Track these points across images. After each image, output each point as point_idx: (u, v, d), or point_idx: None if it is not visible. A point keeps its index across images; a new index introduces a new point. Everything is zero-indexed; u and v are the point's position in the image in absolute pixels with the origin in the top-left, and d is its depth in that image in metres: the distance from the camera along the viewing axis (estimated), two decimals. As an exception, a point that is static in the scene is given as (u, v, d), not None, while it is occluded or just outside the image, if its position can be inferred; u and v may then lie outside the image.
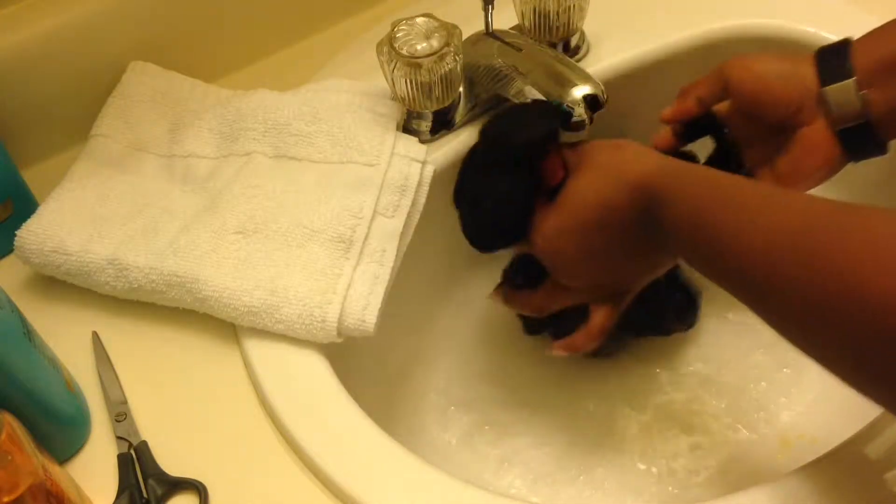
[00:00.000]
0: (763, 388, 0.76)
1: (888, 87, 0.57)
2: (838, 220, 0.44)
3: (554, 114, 0.63)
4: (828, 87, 0.59)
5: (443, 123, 0.72)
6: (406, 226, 0.67)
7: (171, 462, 0.58)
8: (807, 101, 0.59)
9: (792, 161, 0.61)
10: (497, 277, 0.72)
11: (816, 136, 0.60)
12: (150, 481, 0.57)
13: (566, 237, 0.60)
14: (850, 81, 0.58)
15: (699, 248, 0.52)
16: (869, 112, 0.58)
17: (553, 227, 0.60)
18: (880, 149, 0.60)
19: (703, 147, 0.67)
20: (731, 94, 0.62)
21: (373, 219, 0.65)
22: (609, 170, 0.58)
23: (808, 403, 0.74)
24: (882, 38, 0.59)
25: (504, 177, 0.62)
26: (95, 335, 0.65)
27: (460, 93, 0.72)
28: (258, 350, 0.62)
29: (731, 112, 0.64)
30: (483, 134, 0.64)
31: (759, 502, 0.53)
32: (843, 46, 0.59)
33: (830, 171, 0.61)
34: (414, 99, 0.69)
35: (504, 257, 0.71)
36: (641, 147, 0.58)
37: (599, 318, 0.64)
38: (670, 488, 0.72)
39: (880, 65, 0.57)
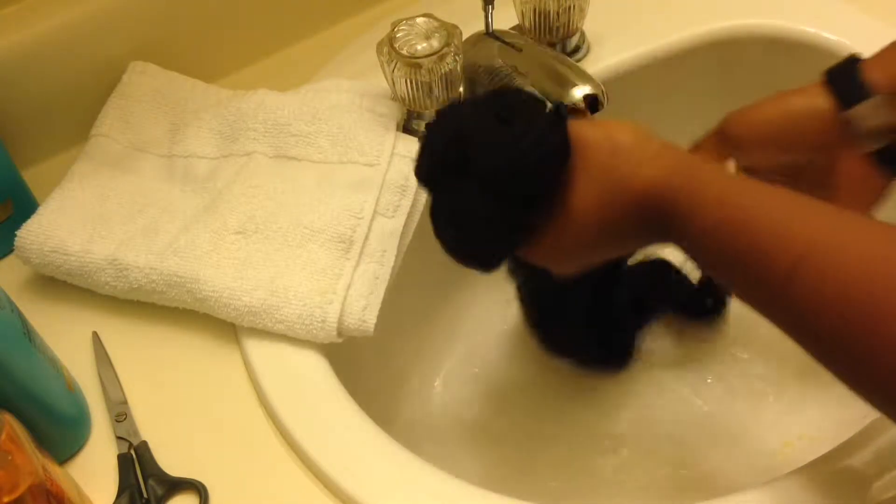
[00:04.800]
0: (763, 388, 0.75)
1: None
2: None
3: (559, 118, 0.51)
4: (852, 110, 0.53)
5: (443, 123, 0.72)
6: (406, 226, 0.67)
7: (171, 462, 0.58)
8: (827, 132, 0.54)
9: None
10: (492, 276, 0.71)
11: (854, 169, 0.54)
12: (150, 481, 0.57)
13: (562, 253, 0.54)
14: (877, 98, 0.53)
15: (731, 263, 0.46)
16: None
17: (549, 246, 0.53)
18: None
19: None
20: (740, 152, 0.57)
21: (373, 219, 0.65)
22: (609, 178, 0.49)
23: (808, 403, 0.74)
24: (893, 55, 0.55)
25: (496, 200, 0.52)
26: (95, 335, 0.65)
27: (460, 93, 0.72)
28: (258, 350, 0.62)
29: (745, 169, 0.58)
30: (484, 153, 0.51)
31: (759, 502, 0.53)
32: (850, 65, 0.54)
33: (879, 199, 0.55)
34: (414, 99, 0.69)
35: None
36: (644, 139, 0.50)
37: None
38: (669, 487, 0.72)
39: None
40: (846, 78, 0.54)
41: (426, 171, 0.55)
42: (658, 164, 0.48)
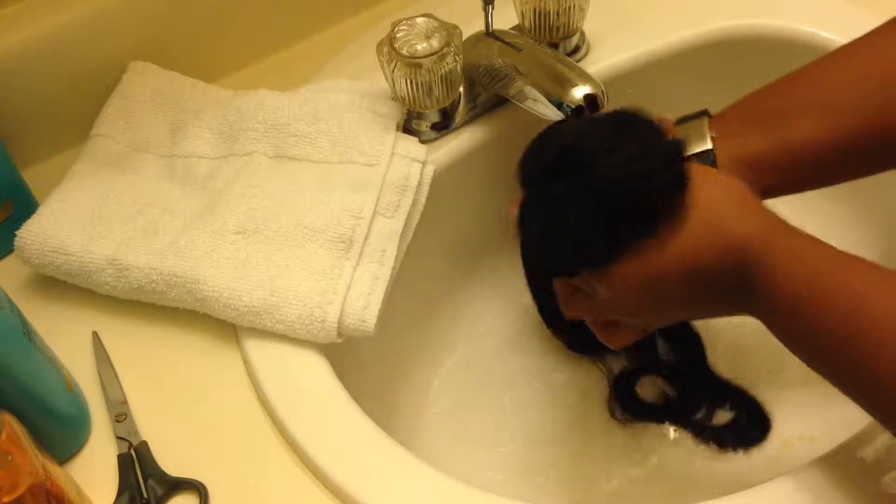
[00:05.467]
0: (762, 389, 0.75)
1: (740, 137, 0.56)
2: None
3: (680, 150, 0.53)
4: (681, 125, 0.58)
5: (443, 123, 0.72)
6: (406, 226, 0.67)
7: (171, 462, 0.58)
8: None
9: None
10: (492, 277, 0.72)
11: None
12: (151, 481, 0.57)
13: (639, 288, 0.53)
14: (704, 119, 0.57)
15: (798, 328, 0.49)
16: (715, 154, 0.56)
17: (630, 276, 0.53)
18: None
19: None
20: None
21: (373, 219, 0.65)
22: (708, 222, 0.51)
23: (808, 404, 0.74)
24: (743, 102, 0.59)
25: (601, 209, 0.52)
26: (95, 335, 0.65)
27: (460, 93, 0.72)
28: (258, 350, 0.62)
29: None
30: (600, 166, 0.51)
31: (759, 503, 0.53)
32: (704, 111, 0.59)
33: None
34: (414, 99, 0.69)
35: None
36: (747, 193, 0.52)
37: (625, 339, 0.60)
38: (670, 487, 0.72)
39: (737, 115, 0.58)
40: (695, 114, 0.58)
41: (534, 169, 0.56)
42: (754, 219, 0.51)
